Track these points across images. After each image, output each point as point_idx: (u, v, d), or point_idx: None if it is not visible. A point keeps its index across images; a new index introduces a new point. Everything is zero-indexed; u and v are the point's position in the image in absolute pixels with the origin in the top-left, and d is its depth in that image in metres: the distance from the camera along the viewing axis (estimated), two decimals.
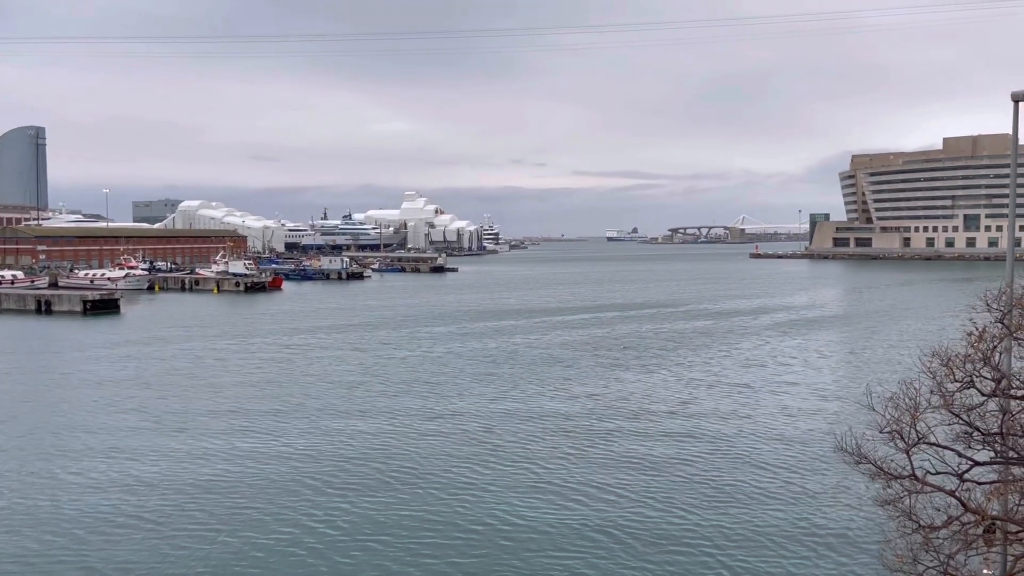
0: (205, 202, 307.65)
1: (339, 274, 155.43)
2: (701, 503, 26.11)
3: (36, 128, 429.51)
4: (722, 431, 35.17)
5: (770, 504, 25.99)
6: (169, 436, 34.72)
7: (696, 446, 32.77)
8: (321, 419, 37.74)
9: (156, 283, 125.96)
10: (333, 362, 54.56)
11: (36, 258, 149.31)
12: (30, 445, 33.50)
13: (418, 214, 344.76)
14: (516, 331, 70.95)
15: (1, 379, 49.52)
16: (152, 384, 46.65)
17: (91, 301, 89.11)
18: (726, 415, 38.22)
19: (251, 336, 68.23)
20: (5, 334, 72.04)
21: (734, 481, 28.29)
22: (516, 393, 43.70)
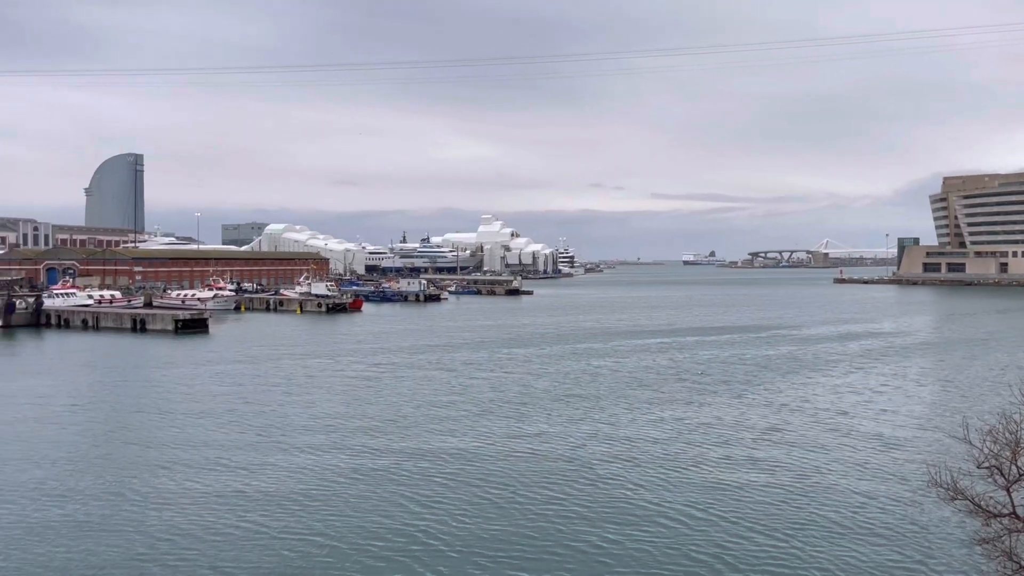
0: (290, 225, 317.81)
1: (417, 296, 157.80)
2: (787, 532, 25.35)
3: (135, 155, 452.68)
4: (810, 459, 34.12)
5: (858, 537, 25.02)
6: (269, 449, 35.77)
7: (783, 474, 31.87)
8: (413, 437, 38.28)
9: (242, 303, 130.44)
10: (419, 381, 55.38)
11: (133, 279, 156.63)
12: (137, 455, 34.98)
13: (494, 237, 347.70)
14: (595, 354, 70.63)
15: (106, 393, 52.00)
16: (249, 399, 48.19)
17: (182, 320, 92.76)
18: (814, 443, 37.07)
19: (336, 355, 69.89)
20: (105, 351, 75.71)
21: (821, 511, 27.39)
22: (600, 415, 43.45)
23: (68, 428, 40.80)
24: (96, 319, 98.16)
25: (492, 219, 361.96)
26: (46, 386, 53.33)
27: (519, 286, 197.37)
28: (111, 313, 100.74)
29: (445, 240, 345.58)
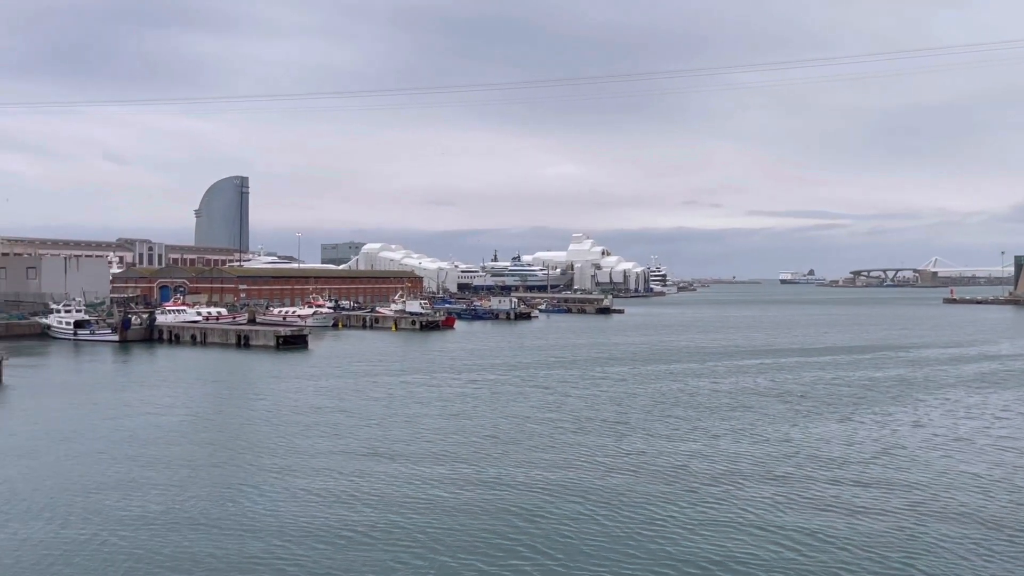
0: (385, 245, 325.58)
1: (508, 314, 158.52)
2: (904, 561, 23.96)
3: (241, 178, 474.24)
4: (926, 484, 32.26)
5: (980, 569, 23.38)
6: (375, 462, 36.35)
7: (897, 500, 30.20)
8: (513, 453, 38.34)
9: (340, 320, 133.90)
10: (514, 398, 55.51)
11: (238, 296, 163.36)
12: (250, 463, 36.20)
13: (585, 255, 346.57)
14: (691, 373, 69.15)
15: (218, 404, 54.19)
16: (352, 413, 49.25)
17: (283, 337, 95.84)
18: (930, 468, 35.05)
19: (432, 372, 70.84)
20: (213, 365, 78.99)
21: (940, 540, 25.80)
22: (701, 435, 42.48)
23: (185, 436, 42.60)
24: (204, 335, 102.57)
25: (583, 237, 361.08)
26: (163, 397, 55.98)
27: (610, 304, 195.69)
28: (217, 329, 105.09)
29: (536, 258, 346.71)
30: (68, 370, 74.65)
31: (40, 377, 67.34)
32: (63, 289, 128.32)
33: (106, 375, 70.81)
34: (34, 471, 34.70)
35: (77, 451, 38.68)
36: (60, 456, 37.57)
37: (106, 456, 37.52)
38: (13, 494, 31.13)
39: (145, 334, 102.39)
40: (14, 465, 35.77)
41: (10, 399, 54.82)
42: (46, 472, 34.55)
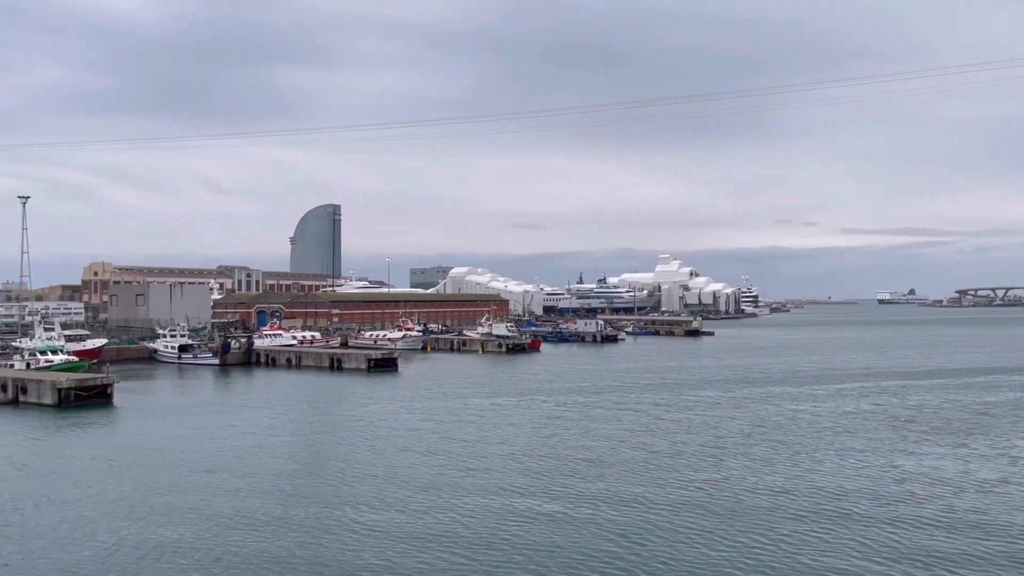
0: (472, 268, 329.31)
1: (594, 337, 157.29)
2: None
3: (333, 206, 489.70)
4: None
5: None
6: (473, 484, 36.55)
7: (1019, 529, 28.12)
8: (609, 476, 37.85)
9: (429, 344, 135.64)
10: (607, 421, 54.89)
11: (331, 320, 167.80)
12: (350, 482, 36.81)
13: (672, 277, 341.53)
14: (788, 397, 66.77)
15: (317, 425, 55.50)
16: (446, 435, 49.69)
17: (374, 360, 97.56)
18: None
19: (521, 394, 70.81)
20: (308, 387, 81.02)
21: None
22: (803, 461, 40.92)
23: (289, 457, 43.76)
24: (299, 358, 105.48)
25: (670, 258, 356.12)
26: (265, 419, 57.82)
27: (699, 326, 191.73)
28: (312, 353, 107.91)
29: (622, 280, 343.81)
30: (173, 392, 77.99)
31: (148, 399, 70.53)
32: (168, 315, 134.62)
33: (209, 397, 73.61)
34: (148, 489, 36.15)
35: (187, 470, 40.20)
36: (172, 475, 39.09)
37: (215, 475, 38.86)
38: (130, 511, 32.50)
39: (244, 358, 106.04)
40: (130, 483, 37.40)
41: (121, 419, 57.57)
42: (161, 489, 35.98)
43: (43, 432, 52.65)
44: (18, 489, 36.44)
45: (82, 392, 64.13)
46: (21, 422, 56.41)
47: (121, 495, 35.03)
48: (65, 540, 28.79)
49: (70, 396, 63.11)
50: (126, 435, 51.35)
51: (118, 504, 33.55)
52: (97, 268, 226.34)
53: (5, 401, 64.98)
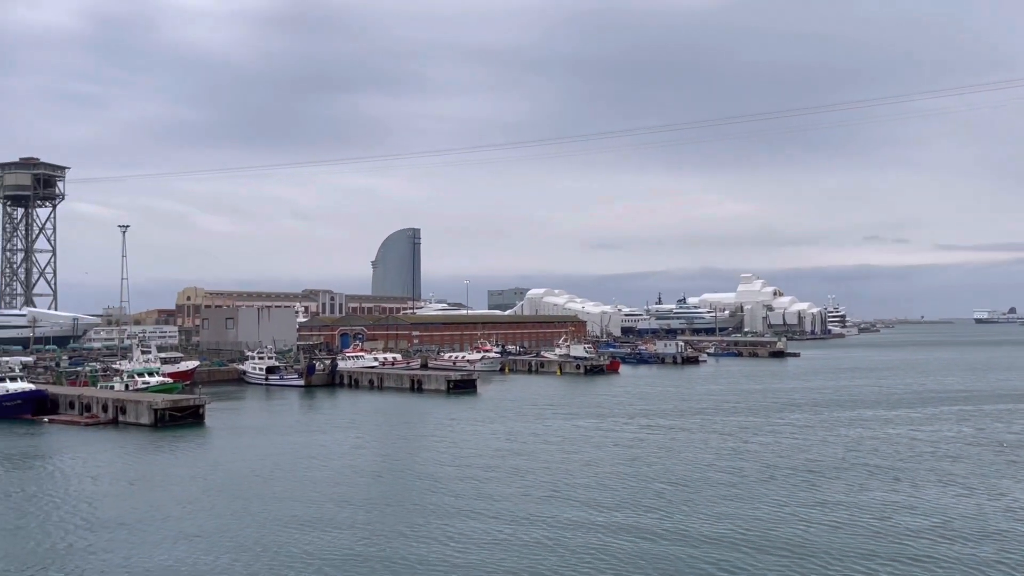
0: (549, 290, 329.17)
1: (674, 358, 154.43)
2: None
3: (413, 230, 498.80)
4: None
5: None
6: (561, 506, 36.48)
7: None
8: (699, 500, 37.21)
9: (507, 365, 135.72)
10: (692, 444, 53.84)
11: (411, 342, 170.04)
12: (438, 502, 37.13)
13: (755, 296, 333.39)
14: (883, 420, 64.15)
15: (403, 446, 56.20)
16: (529, 456, 49.68)
17: (454, 381, 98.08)
18: None
19: (602, 416, 70.08)
20: (390, 408, 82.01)
21: None
22: (903, 487, 39.29)
23: (377, 476, 44.46)
24: (380, 379, 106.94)
25: (752, 277, 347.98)
26: (351, 439, 58.89)
27: (784, 347, 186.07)
28: (393, 374, 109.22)
29: (702, 300, 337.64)
30: (261, 412, 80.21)
31: (237, 419, 72.70)
32: (256, 338, 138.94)
33: (296, 418, 75.44)
34: (247, 506, 37.17)
35: (281, 488, 41.19)
36: (267, 493, 40.11)
37: (308, 494, 39.67)
38: (223, 530, 33.44)
39: (328, 379, 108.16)
40: (228, 500, 38.54)
41: (212, 439, 59.47)
42: (259, 507, 36.95)
43: (142, 450, 54.83)
44: (125, 504, 37.96)
45: (176, 412, 66.52)
46: (121, 440, 58.90)
47: (222, 512, 36.09)
48: (176, 555, 29.81)
49: (165, 416, 65.54)
50: (219, 454, 52.93)
51: (220, 520, 34.55)
52: (190, 293, 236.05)
53: (106, 420, 68.01)
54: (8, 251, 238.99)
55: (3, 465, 49.20)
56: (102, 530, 33.18)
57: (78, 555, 29.95)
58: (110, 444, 57.13)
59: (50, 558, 29.63)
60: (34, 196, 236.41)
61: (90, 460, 50.27)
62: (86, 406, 71.11)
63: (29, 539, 32.11)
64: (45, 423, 68.41)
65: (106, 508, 37.06)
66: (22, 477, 45.32)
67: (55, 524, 34.33)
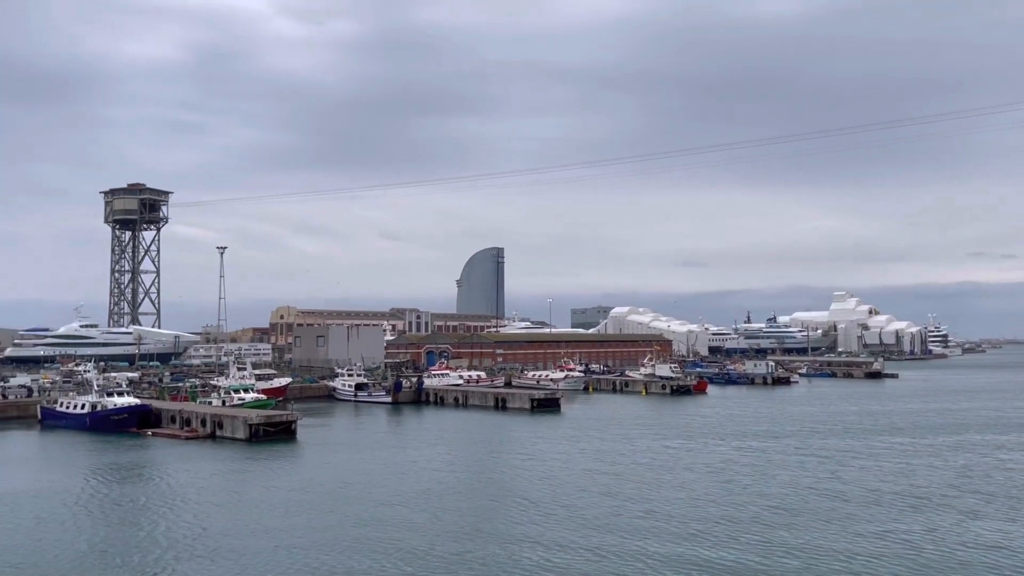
0: (633, 308, 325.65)
1: (764, 379, 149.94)
2: None
3: (497, 248, 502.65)
4: None
5: None
6: (656, 524, 35.95)
7: None
8: (802, 523, 36.00)
9: (590, 384, 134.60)
10: (788, 466, 52.17)
11: (495, 360, 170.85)
12: (533, 519, 36.95)
13: (849, 315, 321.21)
14: (993, 446, 60.74)
15: (492, 462, 56.25)
16: (621, 476, 49.08)
17: (537, 400, 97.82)
18: None
19: (691, 436, 68.63)
20: (476, 426, 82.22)
21: None
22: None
23: (470, 492, 44.77)
24: (465, 397, 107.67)
25: (846, 295, 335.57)
26: (441, 455, 59.52)
27: (881, 368, 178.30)
28: (477, 392, 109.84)
29: (793, 319, 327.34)
30: (351, 428, 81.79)
31: (328, 434, 74.25)
32: (346, 355, 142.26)
33: (384, 434, 76.60)
34: (336, 521, 37.76)
35: (374, 503, 41.83)
36: (361, 507, 40.73)
37: (402, 509, 40.16)
38: (319, 543, 33.96)
39: (414, 396, 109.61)
40: (324, 514, 39.28)
41: (304, 454, 60.89)
42: (354, 521, 37.57)
43: (238, 464, 56.55)
44: (226, 516, 39.23)
45: (270, 428, 68.49)
46: (218, 454, 60.96)
47: (318, 526, 36.71)
48: (278, 565, 30.52)
49: (259, 431, 67.54)
50: (312, 469, 54.04)
51: (317, 534, 35.11)
52: (283, 312, 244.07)
53: (204, 435, 70.62)
54: (117, 272, 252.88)
55: (114, 476, 51.67)
56: (207, 540, 34.28)
57: (186, 563, 30.97)
58: (208, 458, 59.19)
59: (160, 566, 30.73)
60: (140, 220, 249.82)
61: (192, 472, 52.20)
62: (186, 420, 74.06)
63: (140, 548, 33.40)
64: (149, 436, 71.54)
65: (209, 519, 38.31)
66: (133, 488, 47.45)
67: (163, 533, 35.67)
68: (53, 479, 50.17)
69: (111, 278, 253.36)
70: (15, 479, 50.01)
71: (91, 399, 77.97)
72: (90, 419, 75.67)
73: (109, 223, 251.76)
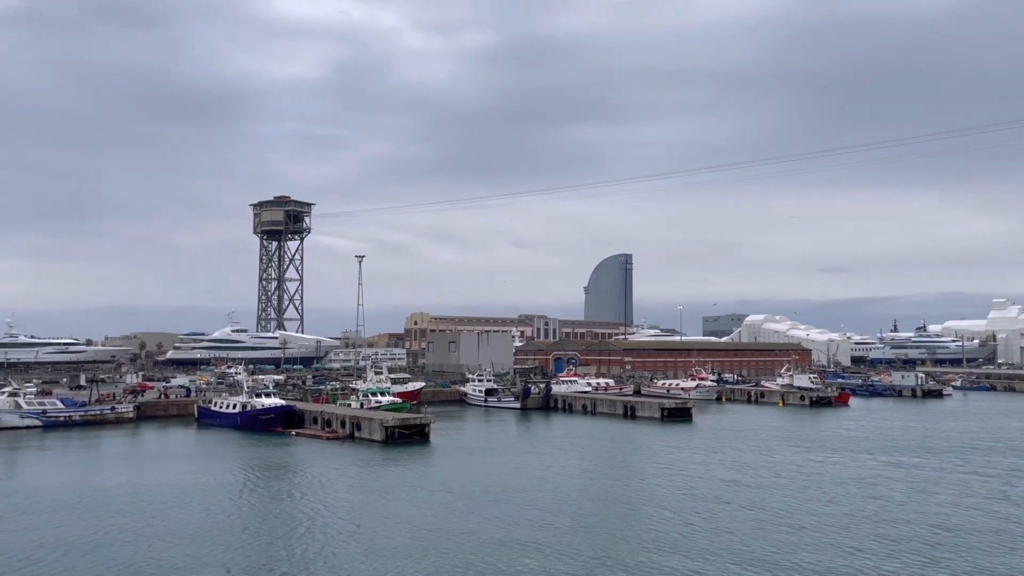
0: (769, 316, 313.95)
1: (913, 391, 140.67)
2: None
3: (625, 255, 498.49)
4: None
5: None
6: (808, 538, 34.75)
7: None
8: (972, 543, 33.74)
9: (723, 394, 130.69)
10: (946, 484, 48.77)
11: (623, 368, 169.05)
12: (673, 528, 36.27)
13: (1010, 324, 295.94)
14: None
15: (627, 471, 55.61)
16: (766, 488, 47.57)
17: (668, 409, 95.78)
18: None
19: (834, 450, 65.30)
20: (605, 434, 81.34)
21: None
22: None
23: (607, 499, 44.40)
24: (593, 404, 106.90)
25: (1007, 303, 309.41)
26: (576, 461, 59.45)
27: None
28: (606, 400, 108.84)
29: (946, 328, 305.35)
30: (481, 433, 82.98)
31: (459, 438, 75.66)
32: (476, 361, 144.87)
33: (514, 439, 77.12)
34: (478, 525, 38.28)
35: (507, 507, 42.15)
36: (494, 510, 41.16)
37: (534, 514, 40.22)
38: (462, 546, 34.49)
39: (542, 402, 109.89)
40: (466, 518, 39.94)
41: (436, 457, 62.27)
42: (484, 525, 38.01)
43: (377, 465, 58.36)
44: (377, 514, 40.66)
45: (404, 430, 70.57)
46: (358, 454, 63.33)
47: (466, 529, 37.25)
48: (426, 564, 31.26)
49: (395, 434, 69.71)
50: (447, 471, 54.91)
51: (469, 537, 35.64)
52: (417, 318, 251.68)
53: (344, 436, 73.66)
54: (264, 280, 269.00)
55: (267, 472, 54.74)
56: (361, 537, 35.55)
57: (345, 559, 32.11)
58: (349, 457, 61.59)
59: (321, 560, 32.06)
60: (286, 230, 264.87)
61: (338, 471, 54.47)
62: (327, 422, 77.52)
63: (301, 542, 34.97)
64: (293, 435, 75.39)
65: (362, 517, 39.76)
66: (286, 484, 49.96)
67: (320, 529, 37.19)
68: (215, 474, 53.70)
69: (259, 285, 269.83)
70: (183, 473, 53.83)
71: (242, 400, 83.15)
72: (241, 418, 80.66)
73: (257, 234, 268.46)
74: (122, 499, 43.94)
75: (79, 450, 66.79)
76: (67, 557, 31.88)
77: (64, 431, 77.92)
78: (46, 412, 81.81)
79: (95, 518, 39.34)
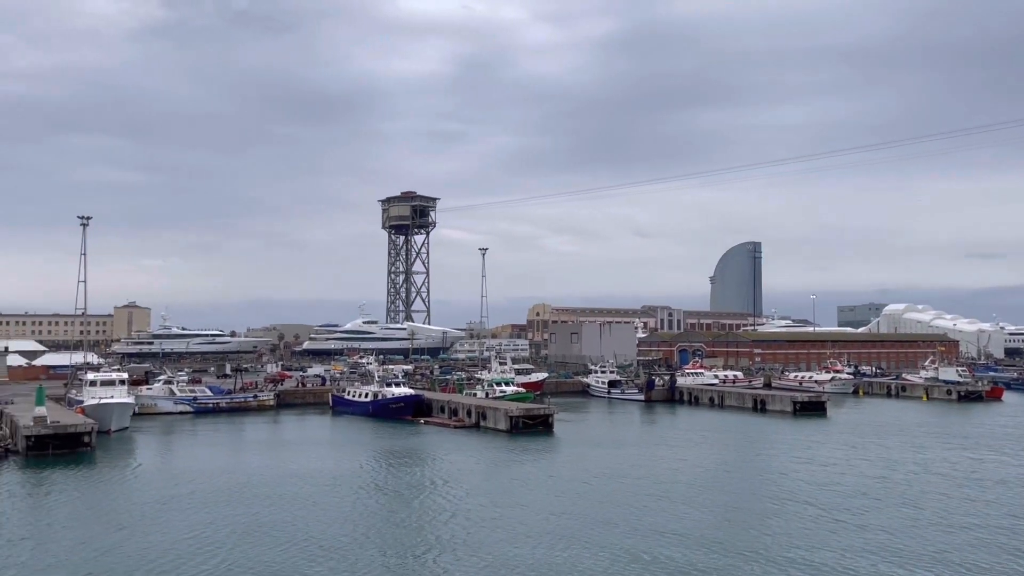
0: (911, 305, 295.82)
1: None
2: None
3: (753, 243, 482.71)
4: None
5: None
6: (971, 538, 32.90)
7: None
8: None
9: (860, 387, 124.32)
10: None
11: (752, 360, 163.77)
12: (822, 526, 35.04)
13: None
14: None
15: (765, 464, 53.94)
16: (922, 488, 45.20)
17: (801, 402, 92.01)
18: None
19: (990, 448, 61.09)
20: (736, 428, 78.97)
21: None
22: None
23: (747, 496, 43.17)
24: (721, 397, 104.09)
25: None
26: (712, 454, 58.51)
27: None
28: (734, 392, 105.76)
29: None
30: (605, 424, 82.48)
31: (583, 430, 75.39)
32: (599, 352, 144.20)
33: (639, 431, 76.26)
34: (613, 515, 37.99)
35: (653, 496, 42.04)
36: (642, 500, 40.99)
37: (671, 506, 39.71)
38: (592, 537, 34.30)
39: (666, 395, 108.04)
40: (606, 508, 39.79)
41: (559, 447, 62.29)
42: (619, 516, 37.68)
43: (505, 453, 58.90)
44: (517, 500, 41.33)
45: (528, 420, 71.04)
46: (483, 443, 64.30)
47: (605, 518, 37.13)
48: (557, 554, 31.26)
49: (519, 423, 70.28)
50: (574, 461, 54.70)
51: (608, 527, 35.41)
52: (539, 309, 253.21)
53: (470, 424, 75.05)
54: (392, 273, 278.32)
55: (402, 459, 56.29)
56: (506, 523, 36.17)
57: (492, 545, 32.54)
58: (476, 446, 62.61)
59: (470, 545, 32.60)
60: (412, 225, 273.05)
61: (466, 459, 55.44)
62: (453, 411, 79.22)
63: (448, 526, 35.72)
64: (421, 424, 77.55)
65: (503, 503, 40.40)
66: (423, 471, 51.18)
67: (464, 514, 37.89)
68: (354, 459, 55.84)
69: (387, 278, 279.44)
70: (325, 459, 56.17)
71: (373, 388, 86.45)
72: (372, 407, 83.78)
73: (385, 228, 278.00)
74: (274, 483, 46.06)
75: (227, 434, 71.28)
76: (232, 537, 33.68)
77: (212, 417, 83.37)
78: (196, 399, 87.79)
79: (252, 499, 41.37)
